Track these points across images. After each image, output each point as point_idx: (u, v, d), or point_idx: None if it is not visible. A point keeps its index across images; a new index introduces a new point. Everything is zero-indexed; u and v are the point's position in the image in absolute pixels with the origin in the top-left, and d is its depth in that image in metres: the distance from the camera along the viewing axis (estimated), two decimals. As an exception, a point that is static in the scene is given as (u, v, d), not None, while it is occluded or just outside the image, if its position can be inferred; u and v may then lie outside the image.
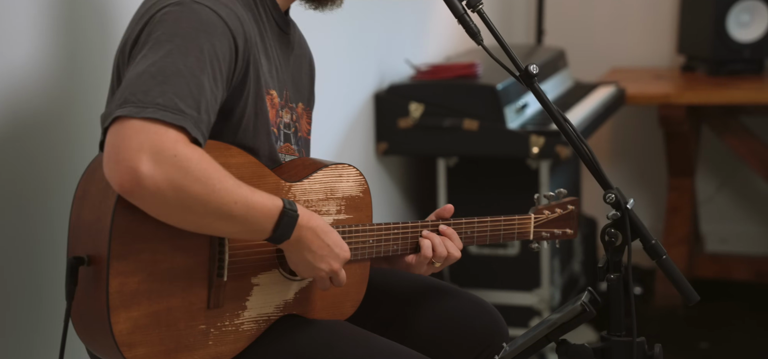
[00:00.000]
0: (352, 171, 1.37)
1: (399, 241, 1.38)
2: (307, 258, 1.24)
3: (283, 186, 1.29)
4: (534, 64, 1.34)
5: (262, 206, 1.19)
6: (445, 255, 1.39)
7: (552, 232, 1.50)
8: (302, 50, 1.48)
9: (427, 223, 1.41)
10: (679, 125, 3.04)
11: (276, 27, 1.37)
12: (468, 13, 1.33)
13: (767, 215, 3.25)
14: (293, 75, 1.42)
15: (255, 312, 1.28)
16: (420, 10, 2.84)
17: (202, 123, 1.16)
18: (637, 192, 3.47)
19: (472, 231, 1.44)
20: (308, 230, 1.23)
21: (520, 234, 1.48)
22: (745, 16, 3.07)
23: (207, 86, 1.17)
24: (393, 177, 2.76)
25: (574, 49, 3.36)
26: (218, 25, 1.20)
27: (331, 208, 1.34)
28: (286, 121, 1.37)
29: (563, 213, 1.51)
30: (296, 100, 1.42)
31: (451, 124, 2.54)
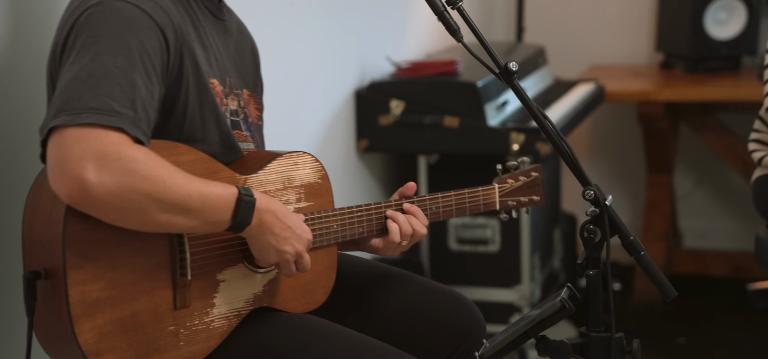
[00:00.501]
0: (307, 158, 1.36)
1: (364, 223, 1.37)
2: (271, 242, 1.24)
3: (238, 179, 1.28)
4: (514, 61, 1.34)
5: (218, 195, 1.18)
6: (411, 232, 1.39)
7: (518, 200, 1.50)
8: (243, 36, 1.46)
9: (391, 203, 1.41)
10: (658, 122, 3.07)
11: (210, 14, 1.35)
12: (448, 10, 1.33)
13: (744, 211, 3.28)
14: (235, 61, 1.41)
15: (225, 308, 1.27)
16: (400, 8, 2.84)
17: (140, 121, 1.15)
18: (616, 189, 3.49)
19: (437, 207, 1.44)
20: (268, 213, 1.23)
21: (487, 205, 1.48)
22: (722, 14, 3.10)
23: (140, 83, 1.16)
24: (374, 174, 2.75)
25: (554, 47, 3.38)
26: (143, 20, 1.19)
27: (291, 197, 1.33)
28: (233, 108, 1.36)
29: (528, 180, 1.51)
30: (241, 87, 1.40)
31: (431, 121, 2.54)
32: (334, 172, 2.53)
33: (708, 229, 3.47)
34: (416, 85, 2.58)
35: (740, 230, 3.32)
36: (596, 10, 3.48)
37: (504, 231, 2.66)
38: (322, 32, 2.45)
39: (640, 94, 3.04)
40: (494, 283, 2.67)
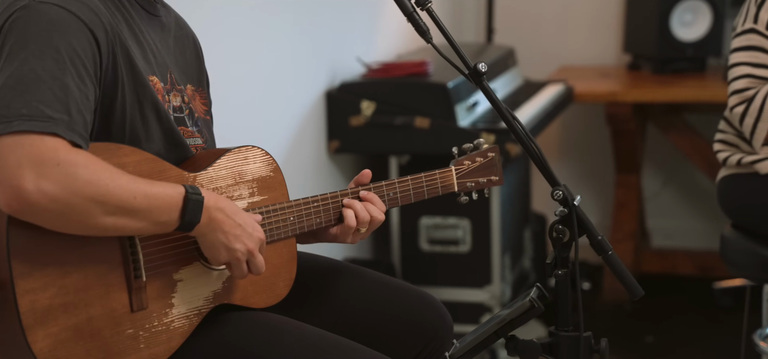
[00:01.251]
0: (257, 151, 1.35)
1: (321, 213, 1.37)
2: (221, 240, 1.22)
3: (187, 176, 1.26)
4: (483, 62, 1.35)
5: (164, 195, 1.17)
6: (368, 219, 1.38)
7: (477, 181, 1.50)
8: (182, 31, 1.44)
9: (347, 191, 1.40)
10: (626, 123, 3.10)
11: (143, 11, 1.33)
12: (417, 11, 1.33)
13: (710, 211, 3.33)
14: (176, 57, 1.39)
15: (184, 308, 1.26)
16: (371, 9, 2.84)
17: (76, 124, 1.12)
18: (585, 189, 3.53)
19: (395, 193, 1.43)
20: (217, 211, 1.21)
21: (445, 188, 1.48)
22: (688, 16, 3.14)
23: (73, 86, 1.14)
24: (345, 175, 2.75)
25: (524, 48, 3.40)
26: (71, 21, 1.16)
27: (244, 192, 1.32)
28: (176, 105, 1.34)
29: (485, 161, 1.51)
30: (183, 82, 1.39)
31: (402, 122, 2.55)
32: (305, 173, 2.54)
33: (675, 229, 3.51)
34: (387, 85, 2.58)
35: (706, 229, 3.37)
36: (565, 12, 3.51)
37: (475, 232, 2.67)
38: (292, 33, 2.44)
39: (608, 94, 3.07)
40: (465, 283, 2.68)
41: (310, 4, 2.52)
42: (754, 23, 1.94)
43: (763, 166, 1.94)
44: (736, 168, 2.01)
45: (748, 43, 1.94)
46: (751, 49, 1.94)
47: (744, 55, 1.95)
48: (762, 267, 1.95)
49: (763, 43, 1.92)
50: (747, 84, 1.94)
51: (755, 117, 1.91)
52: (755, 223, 1.99)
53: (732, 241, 2.01)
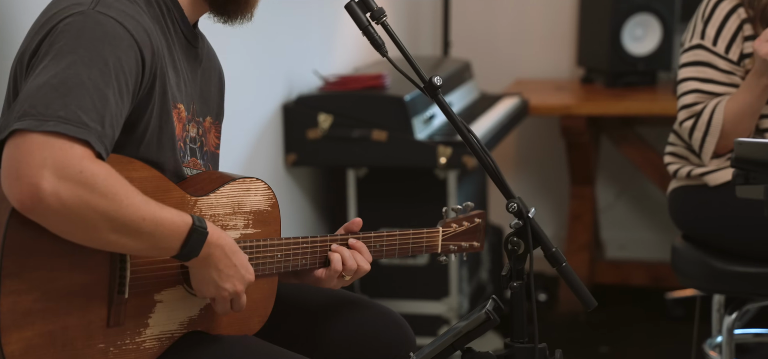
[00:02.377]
0: (260, 185, 1.36)
1: (308, 255, 1.38)
2: (213, 277, 1.23)
3: (189, 200, 1.27)
4: (439, 75, 1.36)
5: (171, 223, 1.17)
6: (355, 268, 1.40)
7: (459, 245, 1.53)
8: (211, 63, 1.46)
9: (337, 237, 1.42)
10: (580, 135, 3.14)
11: (184, 39, 1.35)
12: (372, 25, 1.34)
13: (662, 222, 3.39)
14: (201, 88, 1.41)
15: (157, 330, 1.25)
16: (328, 22, 2.84)
17: (106, 137, 1.13)
18: (541, 201, 3.57)
19: (381, 245, 1.45)
20: (217, 248, 1.22)
21: (429, 248, 1.50)
22: (638, 31, 3.21)
23: (112, 100, 1.14)
24: (302, 188, 2.74)
25: (480, 61, 3.43)
26: (124, 37, 1.18)
27: (239, 223, 1.32)
28: (192, 136, 1.35)
29: (470, 226, 1.54)
30: (204, 114, 1.40)
31: (359, 134, 2.55)
32: (261, 186, 2.52)
33: (628, 240, 3.57)
34: (344, 98, 2.59)
35: (659, 240, 3.43)
36: (520, 26, 3.56)
37: (432, 244, 2.68)
38: (248, 46, 2.43)
39: (562, 108, 3.11)
40: (423, 296, 2.68)
41: (266, 17, 2.50)
42: (701, 39, 1.99)
43: (711, 178, 1.99)
44: (685, 180, 2.06)
45: (696, 58, 1.99)
46: (699, 64, 1.98)
47: (692, 70, 1.99)
48: (711, 278, 1.99)
49: (710, 59, 1.97)
50: (695, 99, 1.98)
51: (703, 131, 1.96)
52: (704, 234, 2.03)
53: (682, 252, 2.05)
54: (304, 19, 2.72)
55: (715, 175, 1.98)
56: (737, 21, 1.95)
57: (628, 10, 3.16)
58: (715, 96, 1.96)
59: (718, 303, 2.08)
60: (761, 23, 1.92)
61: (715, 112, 1.94)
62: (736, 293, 2.00)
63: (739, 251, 1.96)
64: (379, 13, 1.34)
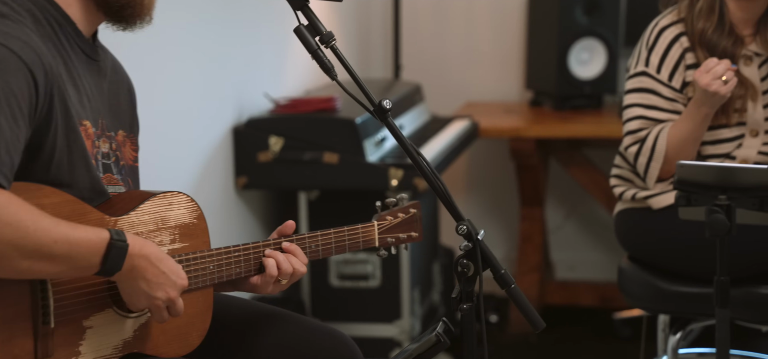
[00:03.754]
0: (182, 198, 1.34)
1: (241, 263, 1.36)
2: (142, 288, 1.20)
3: (108, 221, 1.24)
4: (390, 98, 1.37)
5: (87, 241, 1.15)
6: (291, 271, 1.38)
7: (397, 237, 1.52)
8: (118, 76, 1.43)
9: (269, 242, 1.40)
10: (529, 157, 3.18)
11: (83, 54, 1.31)
12: (322, 49, 1.34)
13: (610, 243, 3.44)
14: (110, 102, 1.38)
15: (90, 356, 1.22)
16: (278, 45, 2.83)
17: (4, 165, 1.10)
18: (491, 222, 3.60)
19: (317, 245, 1.43)
20: (141, 258, 1.20)
21: (366, 242, 1.50)
22: (584, 55, 3.28)
23: (5, 126, 1.11)
24: (253, 211, 2.72)
25: (431, 84, 3.46)
26: (11, 60, 1.14)
27: (164, 238, 1.30)
28: (105, 151, 1.32)
29: (406, 217, 1.53)
30: (115, 128, 1.37)
31: (311, 157, 2.54)
32: (212, 210, 2.49)
33: (577, 261, 3.62)
34: (295, 121, 2.58)
35: (606, 261, 3.48)
36: (470, 49, 3.60)
37: (384, 267, 2.68)
38: (198, 69, 2.41)
39: (511, 130, 3.15)
40: (375, 319, 2.68)
41: (216, 40, 2.50)
42: (645, 66, 2.03)
43: (656, 201, 2.03)
44: (631, 202, 2.10)
45: (640, 85, 2.04)
46: (643, 91, 2.03)
47: (636, 96, 2.04)
48: (656, 298, 2.03)
49: (654, 86, 2.02)
50: (640, 125, 2.03)
51: (648, 156, 2.00)
52: (649, 256, 2.07)
53: (628, 273, 2.08)
54: (255, 41, 2.71)
55: (658, 198, 2.02)
56: (680, 49, 2.01)
57: (574, 35, 3.22)
58: (658, 122, 2.01)
59: (663, 322, 2.12)
60: (702, 51, 1.98)
61: (658, 138, 1.98)
62: (680, 313, 2.04)
63: (682, 272, 2.01)
64: (328, 37, 1.34)
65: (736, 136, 2.01)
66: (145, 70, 2.17)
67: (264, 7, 2.72)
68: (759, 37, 2.01)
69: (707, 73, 1.86)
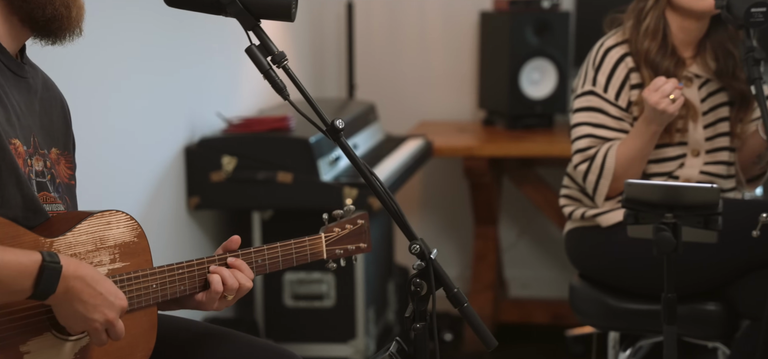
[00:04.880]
0: (121, 216, 1.31)
1: (185, 281, 1.34)
2: (79, 310, 1.18)
3: (43, 243, 1.21)
4: (343, 118, 1.37)
5: (17, 264, 1.12)
6: (237, 286, 1.37)
7: (346, 248, 1.52)
8: (50, 93, 1.39)
9: (214, 258, 1.38)
10: (482, 176, 3.21)
11: (9, 72, 1.28)
12: (274, 69, 1.34)
13: (562, 261, 3.48)
14: (41, 120, 1.34)
15: None
16: (231, 64, 2.82)
17: None
18: (446, 241, 3.61)
19: (263, 259, 1.42)
20: (76, 279, 1.17)
21: (314, 255, 1.48)
22: (535, 75, 3.33)
23: None
24: (206, 232, 2.69)
25: (385, 103, 3.48)
26: None
27: (104, 258, 1.28)
28: (38, 169, 1.29)
29: (354, 228, 1.52)
30: (48, 146, 1.34)
31: (264, 177, 2.53)
32: (163, 231, 2.46)
33: (530, 278, 3.65)
34: (248, 140, 2.57)
35: (559, 279, 3.52)
36: (424, 69, 3.63)
37: (339, 286, 2.67)
38: (148, 88, 2.38)
39: (465, 149, 3.18)
40: (330, 339, 2.66)
41: (167, 60, 2.47)
42: (592, 86, 2.07)
43: (604, 219, 2.07)
44: (580, 221, 2.13)
45: (588, 104, 2.08)
46: (591, 110, 2.07)
47: (585, 115, 2.08)
48: (606, 316, 2.06)
49: (601, 105, 2.06)
50: (588, 143, 2.06)
51: (597, 174, 2.04)
52: (599, 273, 2.10)
53: (579, 291, 2.11)
54: (207, 61, 2.69)
55: (607, 216, 2.06)
56: (625, 69, 2.05)
57: (525, 55, 3.27)
58: (606, 140, 2.05)
59: (614, 339, 2.15)
60: (646, 70, 2.03)
61: (607, 156, 2.02)
62: (629, 330, 2.07)
63: (631, 289, 2.04)
64: (280, 57, 1.34)
65: (678, 155, 2.05)
66: (94, 88, 2.14)
67: (216, 27, 2.70)
68: (699, 58, 2.07)
69: (656, 92, 1.90)
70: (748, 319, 1.96)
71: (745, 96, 2.05)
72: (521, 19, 3.26)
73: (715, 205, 1.59)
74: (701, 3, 1.97)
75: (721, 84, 2.06)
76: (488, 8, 3.47)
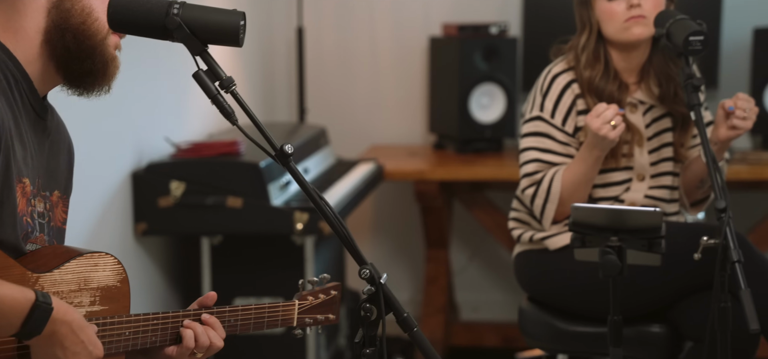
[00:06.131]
0: (109, 259, 1.31)
1: (158, 332, 1.33)
2: (58, 355, 1.16)
3: (30, 277, 1.20)
4: (294, 142, 1.37)
5: (11, 299, 1.10)
6: (208, 344, 1.36)
7: (315, 318, 1.53)
8: (60, 136, 1.40)
9: (189, 312, 1.38)
10: (433, 200, 3.23)
11: (33, 112, 1.29)
12: (222, 94, 1.33)
13: (513, 284, 3.51)
14: (48, 162, 1.35)
15: None
16: (179, 88, 2.79)
17: None
18: (398, 265, 3.62)
19: (236, 320, 1.42)
20: (63, 324, 1.15)
21: (284, 321, 1.49)
22: (484, 99, 3.37)
23: None
24: (153, 258, 2.65)
25: (336, 128, 3.48)
26: None
27: (84, 300, 1.27)
28: (40, 211, 1.29)
29: (326, 298, 1.54)
30: (50, 189, 1.34)
31: (214, 201, 2.50)
32: (109, 256, 2.41)
33: (481, 302, 3.68)
34: (197, 165, 2.54)
35: (510, 301, 3.55)
36: (374, 93, 3.65)
37: (289, 312, 2.65)
38: (93, 112, 2.34)
39: (416, 173, 3.19)
40: (280, 365, 2.64)
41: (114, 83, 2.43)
42: (540, 111, 2.11)
43: (552, 242, 2.09)
44: (528, 244, 2.15)
45: (536, 129, 2.11)
46: (538, 135, 2.10)
47: (532, 140, 2.11)
48: (554, 338, 2.08)
49: (548, 130, 2.10)
50: (536, 168, 2.09)
51: (544, 198, 2.07)
52: (548, 296, 2.13)
53: (528, 314, 2.13)
54: (154, 85, 2.66)
55: (554, 239, 2.09)
56: (572, 96, 2.09)
57: (474, 80, 3.31)
58: (553, 165, 2.08)
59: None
60: (591, 97, 2.07)
61: (553, 180, 2.05)
62: (577, 352, 2.10)
63: (578, 312, 2.07)
64: (228, 82, 1.33)
65: (624, 180, 2.10)
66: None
67: (164, 51, 2.68)
68: (643, 84, 2.12)
69: (597, 118, 1.94)
70: (692, 341, 2.00)
71: (687, 119, 2.10)
72: (470, 44, 3.30)
73: (658, 229, 1.62)
74: (628, 34, 2.02)
75: (665, 109, 2.11)
76: (438, 34, 3.51)
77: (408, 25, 3.58)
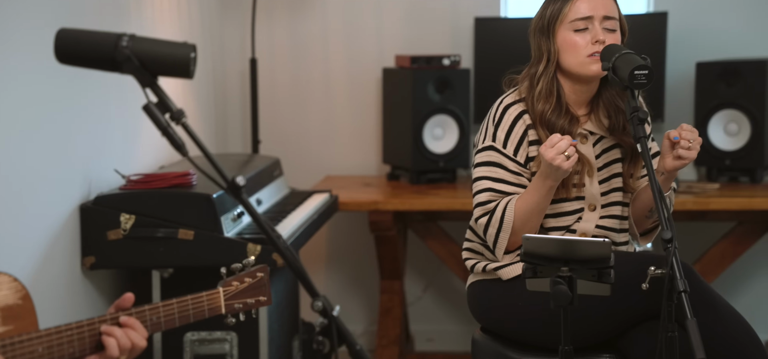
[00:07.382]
0: (4, 278, 1.27)
1: (75, 343, 1.29)
2: None
3: None
4: (248, 173, 1.36)
5: None
6: (130, 346, 1.34)
7: (245, 302, 1.49)
8: None
9: (106, 317, 1.35)
10: (388, 230, 3.23)
11: None
12: (172, 126, 1.32)
13: (467, 314, 3.53)
14: None
15: None
16: (129, 120, 2.75)
17: None
18: (352, 296, 3.60)
19: (158, 317, 1.39)
20: None
21: (212, 310, 1.46)
22: (438, 130, 3.40)
23: None
24: (102, 293, 2.59)
25: (290, 159, 3.47)
26: None
27: None
28: None
29: (253, 282, 1.50)
30: None
31: (165, 234, 2.47)
32: (56, 293, 2.36)
33: (436, 332, 3.67)
34: (148, 197, 2.50)
35: (464, 332, 3.55)
36: (328, 124, 3.65)
37: (242, 346, 2.61)
38: (39, 144, 2.29)
39: (370, 203, 3.19)
40: (233, 398, 2.59)
41: (60, 116, 2.39)
42: (492, 141, 2.13)
43: (505, 272, 2.11)
44: (482, 274, 2.16)
45: (488, 159, 2.13)
46: (491, 164, 2.12)
47: (485, 170, 2.13)
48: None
49: (500, 160, 2.12)
50: (489, 197, 2.11)
51: (497, 227, 2.08)
52: (500, 326, 2.14)
53: (481, 344, 2.14)
54: (103, 117, 2.62)
55: (507, 269, 2.10)
56: (523, 126, 2.12)
57: (427, 112, 3.34)
58: (506, 195, 2.10)
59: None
60: (542, 129, 2.10)
61: (506, 210, 2.07)
62: (530, 382, 2.10)
63: (530, 342, 2.08)
64: (178, 114, 1.32)
65: (575, 210, 2.13)
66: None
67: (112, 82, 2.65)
68: (593, 116, 2.16)
69: (552, 148, 1.97)
70: (642, 369, 2.02)
71: (635, 150, 2.14)
72: (423, 75, 3.33)
73: (607, 259, 1.64)
74: (588, 69, 2.06)
75: (614, 140, 2.15)
76: (391, 65, 3.53)
77: (361, 57, 3.60)
